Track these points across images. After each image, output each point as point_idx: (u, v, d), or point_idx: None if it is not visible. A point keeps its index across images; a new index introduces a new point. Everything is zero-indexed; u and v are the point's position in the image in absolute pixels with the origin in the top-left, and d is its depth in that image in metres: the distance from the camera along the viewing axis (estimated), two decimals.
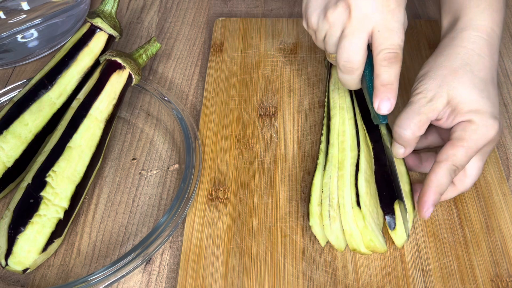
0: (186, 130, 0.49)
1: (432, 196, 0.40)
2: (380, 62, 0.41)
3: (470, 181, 0.44)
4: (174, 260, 0.44)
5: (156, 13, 0.66)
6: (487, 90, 0.42)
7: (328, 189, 0.43)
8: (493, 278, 0.41)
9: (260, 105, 0.54)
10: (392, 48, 0.41)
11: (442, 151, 0.41)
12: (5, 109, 0.47)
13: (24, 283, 0.43)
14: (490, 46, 0.43)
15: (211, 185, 0.47)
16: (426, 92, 0.42)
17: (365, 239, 0.41)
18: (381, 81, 0.42)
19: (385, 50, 0.41)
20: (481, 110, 0.41)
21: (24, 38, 0.59)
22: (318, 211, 0.43)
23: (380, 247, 0.41)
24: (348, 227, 0.41)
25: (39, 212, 0.41)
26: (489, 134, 0.41)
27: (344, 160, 0.44)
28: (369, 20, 0.41)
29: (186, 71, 0.59)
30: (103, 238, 0.45)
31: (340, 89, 0.50)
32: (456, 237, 0.44)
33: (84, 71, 0.49)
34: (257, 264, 0.42)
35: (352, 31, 0.41)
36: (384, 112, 0.42)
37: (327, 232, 0.42)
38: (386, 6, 0.41)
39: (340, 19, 0.42)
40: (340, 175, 0.43)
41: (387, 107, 0.42)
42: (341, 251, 0.42)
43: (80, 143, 0.44)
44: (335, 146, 0.45)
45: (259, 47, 0.60)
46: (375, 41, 0.41)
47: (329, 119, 0.48)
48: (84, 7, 0.63)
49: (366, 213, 0.41)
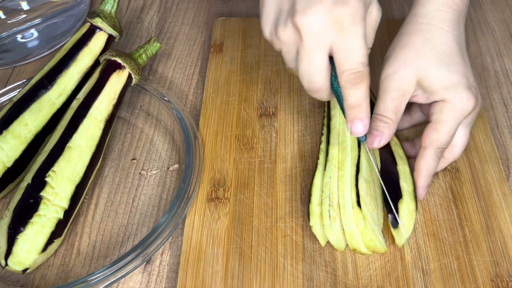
0: (186, 130, 0.49)
1: (424, 180, 0.43)
2: (344, 85, 0.39)
3: (458, 150, 0.46)
4: (174, 260, 0.44)
5: (156, 13, 0.66)
6: (454, 63, 0.42)
7: (328, 189, 0.43)
8: (493, 278, 0.41)
9: (260, 105, 0.54)
10: (353, 69, 0.38)
11: (425, 136, 0.42)
12: (5, 109, 0.47)
13: (24, 283, 0.42)
14: (452, 19, 0.43)
15: (211, 185, 0.47)
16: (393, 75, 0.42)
17: (365, 239, 0.41)
18: (349, 105, 0.39)
19: (346, 72, 0.38)
20: (452, 85, 0.41)
21: (24, 38, 0.59)
22: (319, 211, 0.43)
23: (380, 247, 0.41)
24: (348, 227, 0.41)
25: (39, 212, 0.41)
26: (467, 107, 0.41)
27: (344, 160, 0.44)
28: (323, 39, 0.38)
29: (186, 71, 0.59)
30: (103, 238, 0.45)
31: None
32: (456, 237, 0.44)
33: (84, 71, 0.49)
34: (257, 264, 0.42)
35: (307, 53, 0.38)
36: (359, 134, 0.40)
37: (327, 232, 0.42)
38: (339, 24, 0.37)
39: (291, 39, 0.39)
40: (340, 175, 0.43)
41: (360, 129, 0.40)
42: (341, 251, 0.42)
43: (80, 143, 0.44)
44: (336, 146, 0.45)
45: (259, 47, 0.60)
46: (336, 61, 0.39)
47: (329, 119, 0.48)
48: (84, 7, 0.63)
49: (367, 213, 0.41)
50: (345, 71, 0.38)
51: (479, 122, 0.52)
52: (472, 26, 0.64)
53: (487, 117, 0.54)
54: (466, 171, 0.48)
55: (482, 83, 0.57)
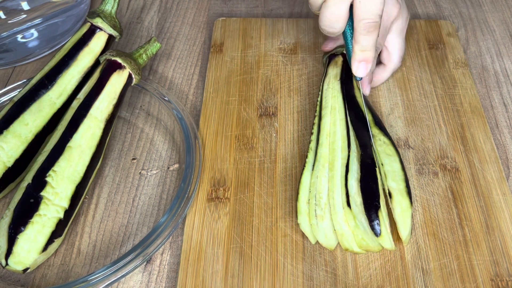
0: (186, 130, 0.49)
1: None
2: (360, 31, 0.45)
3: (396, 57, 0.53)
4: (174, 260, 0.44)
5: (156, 13, 0.66)
6: None
7: (315, 188, 0.43)
8: (493, 277, 0.41)
9: (260, 105, 0.54)
10: (371, 19, 0.44)
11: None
12: (5, 109, 0.47)
13: (24, 282, 0.43)
14: None
15: (211, 185, 0.47)
16: None
17: (357, 239, 0.41)
18: (360, 48, 0.46)
19: (365, 21, 0.44)
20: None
21: (24, 38, 0.59)
22: (307, 209, 0.43)
23: (373, 246, 0.41)
24: (339, 227, 0.41)
25: (39, 212, 0.41)
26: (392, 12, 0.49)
27: (334, 161, 0.44)
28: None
29: (186, 71, 0.59)
30: (103, 238, 0.45)
31: (334, 89, 0.50)
32: (456, 237, 0.44)
33: (84, 71, 0.49)
34: (257, 264, 0.42)
35: (333, 3, 0.44)
36: (361, 75, 0.47)
37: (315, 232, 0.42)
38: None
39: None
40: (330, 176, 0.43)
41: (363, 71, 0.47)
42: (331, 249, 0.42)
43: (80, 143, 0.44)
44: (325, 146, 0.46)
45: (259, 47, 0.60)
46: (356, 10, 0.44)
47: (320, 119, 0.48)
48: (84, 7, 0.63)
49: (357, 213, 0.41)
50: (363, 19, 0.44)
51: (479, 122, 0.52)
52: (472, 26, 0.64)
53: (487, 117, 0.54)
54: (466, 171, 0.48)
55: (482, 83, 0.57)
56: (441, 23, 0.62)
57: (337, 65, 0.52)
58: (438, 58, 0.58)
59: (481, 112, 0.53)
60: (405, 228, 0.42)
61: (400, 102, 0.54)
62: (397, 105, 0.54)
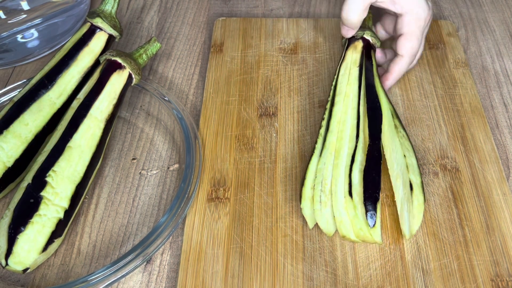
0: (186, 130, 0.49)
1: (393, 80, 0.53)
2: None
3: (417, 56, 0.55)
4: (174, 260, 0.44)
5: (156, 13, 0.66)
6: None
7: (321, 174, 0.43)
8: (493, 277, 0.41)
9: (260, 105, 0.54)
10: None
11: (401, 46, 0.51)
12: (5, 109, 0.47)
13: (24, 282, 0.43)
14: None
15: (211, 185, 0.47)
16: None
17: (355, 228, 0.41)
18: None
19: None
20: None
21: (24, 38, 0.59)
22: (311, 194, 0.43)
23: (370, 237, 0.41)
24: (338, 214, 0.42)
25: (39, 212, 0.41)
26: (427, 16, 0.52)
27: (341, 149, 0.44)
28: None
29: (186, 71, 0.59)
30: (103, 238, 0.45)
31: (351, 75, 0.49)
32: (456, 237, 0.44)
33: (84, 71, 0.49)
34: (257, 264, 0.42)
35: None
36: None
37: (317, 217, 0.42)
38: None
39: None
40: (335, 163, 0.44)
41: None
42: (329, 235, 0.43)
43: (80, 143, 0.44)
44: (334, 134, 0.45)
45: (259, 47, 0.60)
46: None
47: (332, 105, 0.48)
48: (84, 7, 0.63)
49: (358, 203, 0.41)
50: None
51: (479, 122, 0.52)
52: (472, 26, 0.64)
53: (487, 117, 0.54)
54: (466, 171, 0.48)
55: (482, 83, 0.57)
56: (441, 23, 0.62)
57: (357, 50, 0.51)
58: (438, 58, 0.58)
59: (481, 112, 0.53)
60: (417, 222, 0.42)
61: (400, 102, 0.54)
62: (397, 105, 0.54)
